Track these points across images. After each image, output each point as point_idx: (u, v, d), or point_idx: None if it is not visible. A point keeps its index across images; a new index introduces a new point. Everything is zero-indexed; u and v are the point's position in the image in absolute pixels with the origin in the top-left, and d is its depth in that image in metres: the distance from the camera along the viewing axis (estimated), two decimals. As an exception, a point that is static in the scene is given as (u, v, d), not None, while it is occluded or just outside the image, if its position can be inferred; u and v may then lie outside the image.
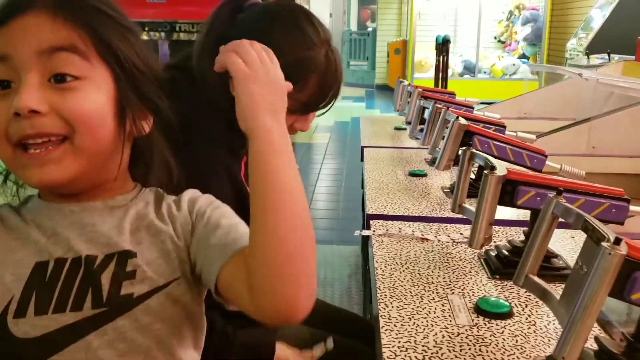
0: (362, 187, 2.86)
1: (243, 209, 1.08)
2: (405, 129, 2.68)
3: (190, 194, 0.81)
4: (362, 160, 2.31)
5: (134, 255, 0.73)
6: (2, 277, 0.70)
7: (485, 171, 1.05)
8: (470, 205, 1.22)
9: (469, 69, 10.21)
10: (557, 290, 0.79)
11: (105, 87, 0.71)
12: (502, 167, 1.07)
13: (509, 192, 1.09)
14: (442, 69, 6.39)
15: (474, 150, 1.22)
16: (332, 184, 5.10)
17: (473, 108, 2.46)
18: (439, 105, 1.92)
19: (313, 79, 1.12)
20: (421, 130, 2.23)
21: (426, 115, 2.29)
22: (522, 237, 1.17)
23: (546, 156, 1.62)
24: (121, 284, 0.71)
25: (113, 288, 0.71)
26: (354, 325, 1.51)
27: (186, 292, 0.74)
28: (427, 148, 2.06)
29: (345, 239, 3.57)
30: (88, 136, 0.69)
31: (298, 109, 1.14)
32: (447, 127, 1.71)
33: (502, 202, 1.09)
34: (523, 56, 10.22)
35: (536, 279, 0.83)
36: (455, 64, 9.84)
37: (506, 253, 1.13)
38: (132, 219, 0.75)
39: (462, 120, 1.57)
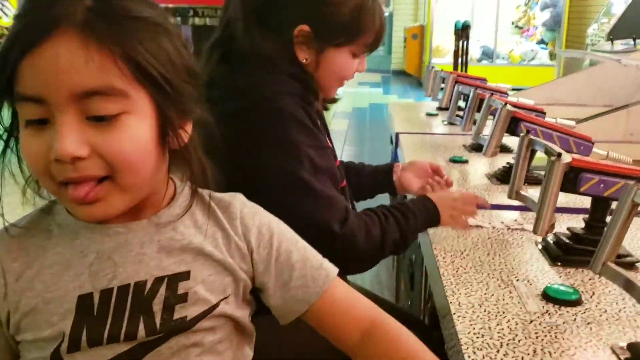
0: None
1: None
2: (437, 114, 2.67)
3: (238, 207, 0.78)
4: (396, 146, 2.30)
5: (186, 277, 0.72)
6: (48, 318, 0.68)
7: (551, 158, 1.04)
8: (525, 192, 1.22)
9: (487, 55, 10.14)
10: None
11: (146, 116, 0.66)
12: (566, 154, 1.07)
13: (571, 179, 1.08)
14: (461, 54, 6.33)
15: (532, 137, 1.21)
16: (354, 170, 5.09)
17: (507, 94, 2.44)
18: (481, 92, 1.91)
19: (372, 20, 1.18)
20: (457, 116, 2.22)
21: (462, 101, 2.29)
22: (581, 224, 1.16)
23: (593, 143, 1.61)
24: (173, 308, 0.70)
25: (165, 314, 0.70)
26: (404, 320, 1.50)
27: (236, 309, 0.76)
28: (466, 134, 2.05)
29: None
30: (131, 175, 0.66)
31: (363, 51, 1.21)
32: (491, 114, 1.70)
33: (564, 189, 1.08)
34: (541, 42, 10.13)
35: (615, 266, 0.83)
36: (472, 50, 9.76)
37: (567, 240, 1.13)
38: (181, 238, 0.73)
39: (510, 107, 1.56)
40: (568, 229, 1.15)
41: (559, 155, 1.04)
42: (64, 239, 0.71)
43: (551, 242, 1.16)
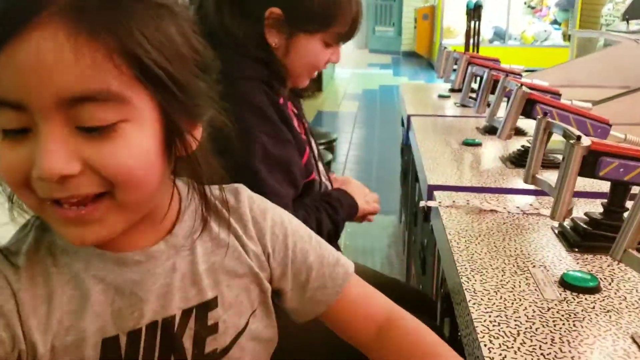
0: (402, 156, 2.83)
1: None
2: (449, 96, 2.64)
3: (247, 205, 0.71)
4: (407, 129, 2.27)
5: (214, 305, 0.66)
6: None
7: (571, 141, 1.01)
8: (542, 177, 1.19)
9: (499, 36, 10.00)
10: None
11: (148, 122, 0.56)
12: (585, 138, 1.04)
13: (590, 163, 1.05)
14: (473, 35, 6.25)
15: (550, 120, 1.18)
16: (365, 153, 5.06)
17: (521, 75, 2.40)
18: (495, 73, 1.87)
19: (348, 9, 1.16)
20: (470, 98, 2.19)
21: (474, 83, 2.25)
22: (598, 209, 1.13)
23: (610, 125, 1.57)
24: (204, 341, 0.66)
25: (197, 349, 0.65)
26: (411, 297, 1.49)
27: (262, 320, 0.73)
28: (479, 117, 2.02)
29: (382, 208, 3.54)
30: (133, 191, 0.56)
31: (336, 41, 1.19)
32: (506, 96, 1.67)
33: (582, 173, 1.05)
34: (554, 22, 9.98)
35: (637, 253, 0.81)
36: (484, 30, 9.64)
37: (585, 226, 1.10)
38: (202, 260, 0.66)
39: (526, 88, 1.52)
40: (586, 214, 1.13)
41: (579, 138, 1.01)
42: (74, 267, 0.61)
43: (568, 227, 1.13)
